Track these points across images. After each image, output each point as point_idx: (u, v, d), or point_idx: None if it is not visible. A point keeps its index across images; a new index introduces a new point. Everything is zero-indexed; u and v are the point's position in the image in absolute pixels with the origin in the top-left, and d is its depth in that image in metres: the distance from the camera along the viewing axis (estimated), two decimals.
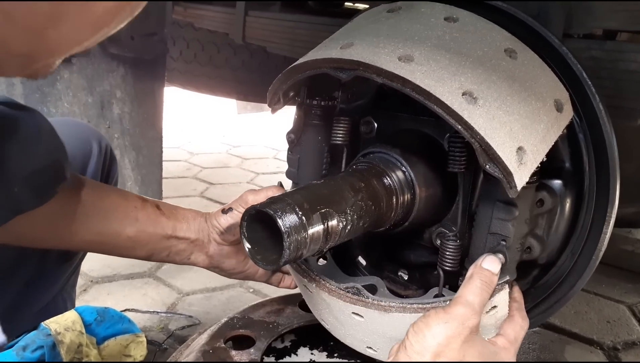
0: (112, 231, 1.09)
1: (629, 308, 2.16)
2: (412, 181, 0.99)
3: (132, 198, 1.12)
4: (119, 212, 1.08)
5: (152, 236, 1.12)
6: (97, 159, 1.21)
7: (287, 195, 0.82)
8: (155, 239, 1.13)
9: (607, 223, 0.92)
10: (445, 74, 0.82)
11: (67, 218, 1.03)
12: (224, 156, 4.33)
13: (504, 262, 0.90)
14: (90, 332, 1.65)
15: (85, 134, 1.21)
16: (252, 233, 0.82)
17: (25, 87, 1.54)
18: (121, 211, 1.08)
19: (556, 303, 1.00)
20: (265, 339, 1.24)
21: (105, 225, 1.08)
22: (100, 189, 1.11)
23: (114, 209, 1.08)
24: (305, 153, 1.13)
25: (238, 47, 2.26)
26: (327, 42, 0.97)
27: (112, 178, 1.30)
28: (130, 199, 1.11)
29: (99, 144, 1.22)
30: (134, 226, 1.09)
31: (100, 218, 1.07)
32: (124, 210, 1.09)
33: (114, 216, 1.08)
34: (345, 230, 0.86)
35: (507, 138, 0.80)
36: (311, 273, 1.05)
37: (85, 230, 1.06)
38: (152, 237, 1.12)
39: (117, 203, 1.09)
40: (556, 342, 1.91)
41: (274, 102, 1.02)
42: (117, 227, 1.08)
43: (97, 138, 1.23)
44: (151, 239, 1.12)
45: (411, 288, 1.16)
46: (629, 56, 1.07)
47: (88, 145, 1.20)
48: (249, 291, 2.17)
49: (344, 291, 0.99)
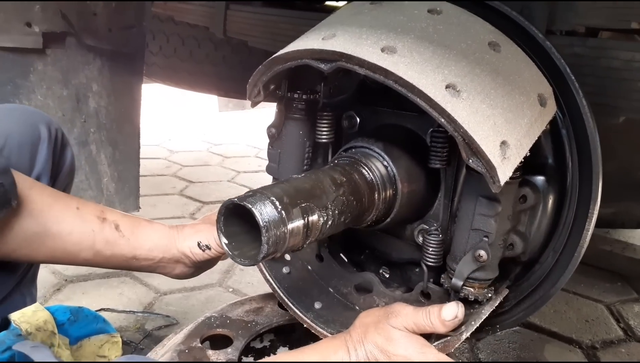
0: (68, 254, 1.05)
1: (607, 308, 2.18)
2: (395, 177, 0.98)
3: (90, 219, 1.06)
4: (74, 236, 1.04)
5: (110, 258, 1.09)
6: (47, 145, 1.13)
7: (266, 188, 0.80)
8: (114, 260, 1.10)
9: (590, 219, 0.92)
10: (428, 67, 0.80)
11: (17, 240, 0.98)
12: (205, 154, 4.28)
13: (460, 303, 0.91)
14: (63, 332, 1.61)
15: (33, 118, 1.14)
16: (229, 227, 0.79)
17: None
18: (76, 236, 1.04)
19: (538, 300, 0.99)
20: (244, 338, 1.21)
21: (60, 248, 1.04)
22: (54, 208, 1.03)
23: (68, 233, 1.03)
24: (286, 147, 1.10)
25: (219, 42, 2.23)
26: (309, 33, 0.95)
27: (65, 164, 1.22)
28: (87, 221, 1.06)
29: (48, 128, 1.15)
30: (90, 251, 1.06)
31: (55, 242, 1.02)
32: (79, 236, 1.04)
33: (69, 240, 1.04)
34: (326, 225, 0.84)
35: (491, 131, 0.79)
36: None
37: (37, 251, 1.02)
38: (111, 259, 1.10)
39: (72, 227, 1.04)
40: (536, 341, 1.92)
41: (254, 94, 0.99)
42: (73, 250, 1.05)
43: (45, 122, 1.15)
44: (110, 260, 1.10)
45: (393, 286, 1.14)
46: (611, 53, 1.07)
47: (36, 130, 1.12)
48: (228, 291, 2.14)
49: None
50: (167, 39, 2.36)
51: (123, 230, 1.09)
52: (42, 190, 1.04)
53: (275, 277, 1.19)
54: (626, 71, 1.05)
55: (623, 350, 1.90)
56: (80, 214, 1.05)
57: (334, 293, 1.18)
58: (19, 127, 1.09)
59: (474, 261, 0.92)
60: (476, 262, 0.91)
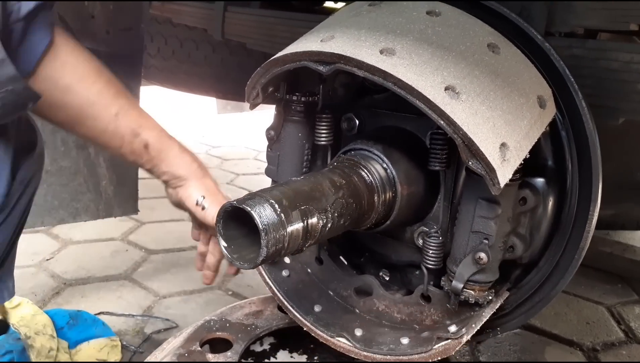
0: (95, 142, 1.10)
1: (607, 310, 2.17)
2: (394, 179, 0.97)
3: (123, 130, 1.07)
4: (104, 137, 1.07)
5: (129, 161, 1.13)
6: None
7: (265, 191, 0.79)
8: (132, 162, 1.14)
9: (590, 221, 0.92)
10: (427, 68, 0.80)
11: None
12: (204, 157, 4.27)
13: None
14: (62, 335, 1.60)
15: None
16: (228, 230, 0.79)
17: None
18: (106, 137, 1.07)
19: (539, 302, 0.99)
20: (243, 342, 1.21)
21: (90, 137, 1.08)
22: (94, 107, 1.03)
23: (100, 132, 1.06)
24: (285, 150, 1.10)
25: (217, 44, 2.22)
26: (308, 35, 0.94)
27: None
28: (120, 131, 1.06)
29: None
30: (114, 150, 1.10)
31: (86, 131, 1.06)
32: (109, 138, 1.07)
33: (99, 137, 1.07)
34: (325, 228, 0.84)
35: (490, 133, 0.78)
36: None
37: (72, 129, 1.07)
38: (129, 161, 1.13)
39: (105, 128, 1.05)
40: (537, 343, 1.91)
41: (253, 96, 0.99)
42: (100, 142, 1.09)
43: None
44: (127, 161, 1.14)
45: (393, 289, 1.14)
46: (610, 54, 1.06)
47: None
48: (228, 294, 2.13)
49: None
50: (165, 41, 2.36)
51: (150, 150, 1.11)
52: (89, 84, 1.02)
53: (274, 280, 1.19)
54: (625, 73, 1.05)
55: (624, 352, 1.89)
56: (116, 122, 1.06)
57: (333, 296, 1.18)
58: None
59: (474, 264, 0.91)
60: (476, 265, 0.91)
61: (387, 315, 1.11)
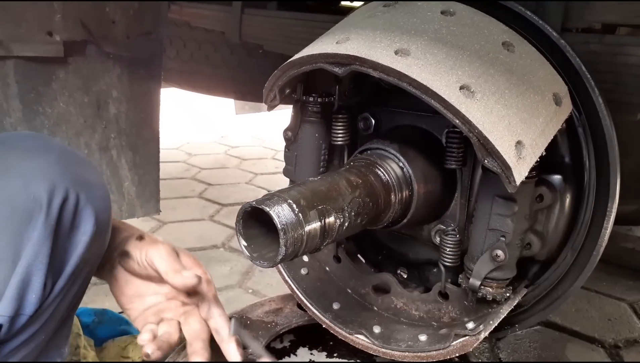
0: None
1: (630, 306, 2.14)
2: (410, 178, 0.98)
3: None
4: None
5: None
6: (43, 220, 0.79)
7: (283, 191, 0.81)
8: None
9: (608, 218, 0.91)
10: (442, 68, 0.81)
11: None
12: (223, 157, 4.32)
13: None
14: (88, 333, 1.64)
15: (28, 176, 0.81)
16: (247, 229, 0.81)
17: (20, 87, 1.52)
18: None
19: (557, 300, 0.99)
20: (264, 339, 1.23)
21: None
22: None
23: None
24: (303, 150, 1.12)
25: (235, 46, 2.25)
26: (323, 37, 0.96)
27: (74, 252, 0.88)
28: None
29: (50, 194, 0.80)
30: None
31: None
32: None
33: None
34: (342, 227, 0.85)
35: (506, 131, 0.79)
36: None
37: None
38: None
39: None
40: (557, 341, 1.90)
41: (270, 98, 1.01)
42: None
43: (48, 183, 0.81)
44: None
45: (410, 287, 1.15)
46: (629, 49, 1.05)
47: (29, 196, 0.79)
48: (248, 292, 2.16)
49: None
50: (183, 44, 2.39)
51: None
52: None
53: (293, 278, 1.20)
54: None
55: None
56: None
57: (352, 294, 1.19)
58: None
59: (492, 261, 0.92)
60: (494, 262, 0.92)
61: (405, 312, 1.12)
